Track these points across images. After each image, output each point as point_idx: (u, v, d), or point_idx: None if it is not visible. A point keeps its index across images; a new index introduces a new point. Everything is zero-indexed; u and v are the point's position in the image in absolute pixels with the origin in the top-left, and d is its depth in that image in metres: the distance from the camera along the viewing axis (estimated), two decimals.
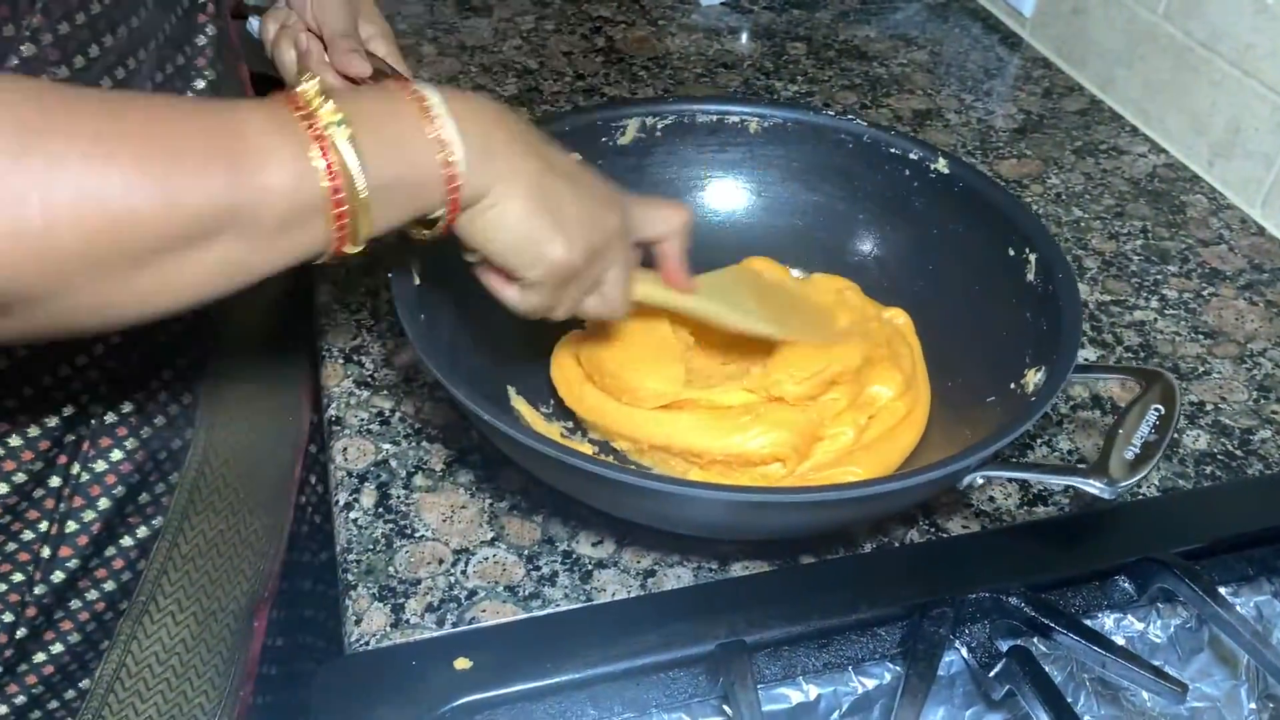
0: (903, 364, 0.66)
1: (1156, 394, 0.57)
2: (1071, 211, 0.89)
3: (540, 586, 0.58)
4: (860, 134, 0.73)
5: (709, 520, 0.57)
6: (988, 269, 0.67)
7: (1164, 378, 0.58)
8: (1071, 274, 0.62)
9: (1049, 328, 0.61)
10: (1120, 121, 1.01)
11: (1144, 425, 0.55)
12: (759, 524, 0.58)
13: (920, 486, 0.53)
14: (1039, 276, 0.63)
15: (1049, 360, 0.58)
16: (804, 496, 0.53)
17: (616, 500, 0.56)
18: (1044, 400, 0.55)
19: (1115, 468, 0.53)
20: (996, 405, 0.62)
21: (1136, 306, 0.79)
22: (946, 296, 0.70)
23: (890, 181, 0.72)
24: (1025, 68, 1.10)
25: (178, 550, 0.62)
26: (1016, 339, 0.63)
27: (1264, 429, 0.70)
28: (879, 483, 0.53)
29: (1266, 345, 0.76)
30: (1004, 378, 0.62)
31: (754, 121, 0.74)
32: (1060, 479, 0.55)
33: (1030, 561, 0.58)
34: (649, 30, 1.13)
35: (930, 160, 0.71)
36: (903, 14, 1.19)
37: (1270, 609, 0.60)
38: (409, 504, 0.61)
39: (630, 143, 0.73)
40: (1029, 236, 0.65)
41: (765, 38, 1.13)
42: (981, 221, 0.68)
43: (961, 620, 0.56)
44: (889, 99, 1.03)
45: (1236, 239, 0.87)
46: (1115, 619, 0.59)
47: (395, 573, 0.58)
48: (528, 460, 0.56)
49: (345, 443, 0.65)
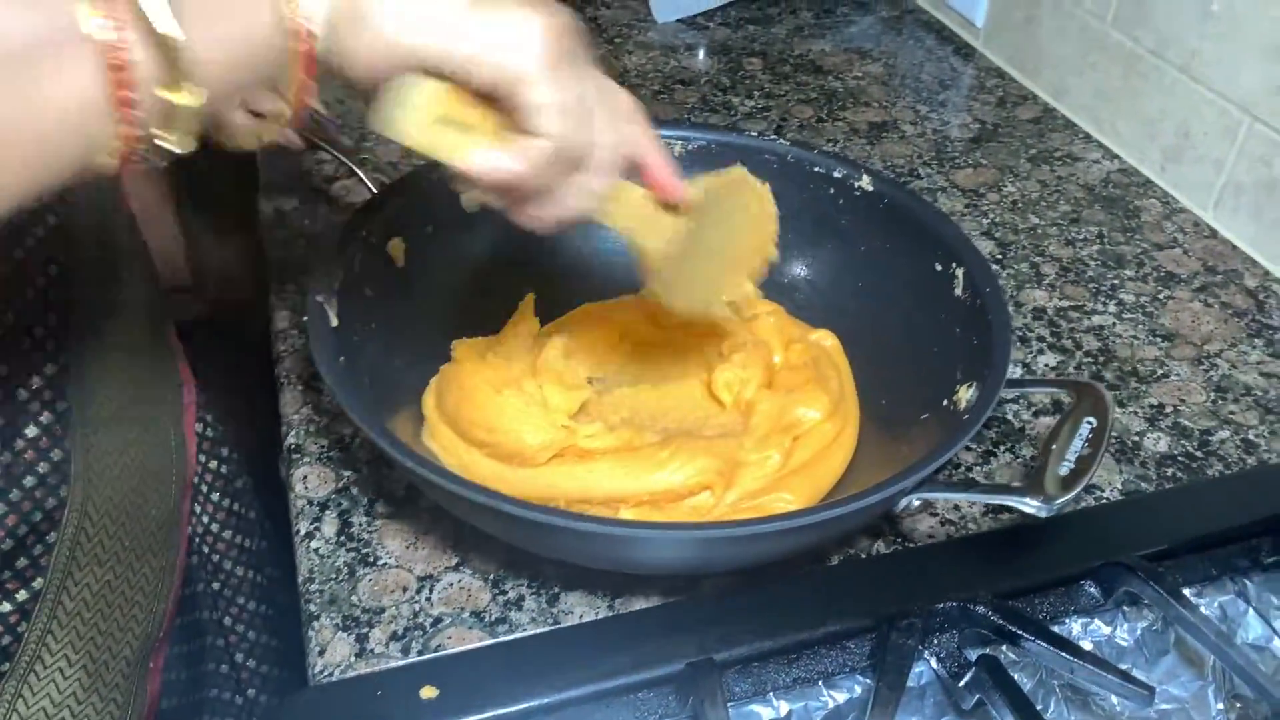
0: (829, 386, 0.66)
1: (1089, 406, 0.57)
2: (1028, 219, 0.90)
3: (507, 611, 0.57)
4: (784, 154, 0.73)
5: (641, 559, 0.56)
6: (916, 285, 0.67)
7: (1095, 390, 0.58)
8: (998, 287, 0.62)
9: (979, 343, 0.61)
10: (1073, 129, 1.02)
11: (1077, 439, 0.55)
12: (691, 560, 0.56)
13: (853, 514, 0.52)
14: (967, 290, 0.64)
15: (980, 376, 0.58)
16: (733, 531, 0.52)
17: (549, 545, 0.55)
18: (976, 418, 0.55)
19: (1050, 484, 0.52)
20: (931, 422, 0.61)
21: (1095, 311, 0.80)
22: (877, 314, 0.70)
23: (816, 201, 0.72)
24: (979, 78, 1.11)
25: (62, 607, 0.58)
26: (948, 355, 0.63)
27: (1222, 429, 0.70)
28: (812, 512, 0.53)
29: (1222, 346, 0.77)
30: (937, 394, 0.62)
31: (678, 145, 0.73)
32: (996, 498, 0.55)
33: (996, 569, 0.58)
34: (605, 49, 1.13)
35: (854, 178, 0.71)
36: (857, 27, 1.20)
37: (1234, 608, 0.61)
38: (371, 531, 0.61)
39: None
40: (955, 250, 0.65)
41: (721, 54, 1.13)
42: (907, 237, 0.69)
43: (930, 630, 0.56)
44: (845, 112, 1.03)
45: (1190, 242, 0.88)
46: (1082, 623, 0.59)
47: (359, 602, 0.57)
48: (455, 507, 0.55)
49: (305, 470, 0.64)
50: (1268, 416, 0.71)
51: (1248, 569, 0.62)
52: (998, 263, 0.84)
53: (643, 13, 1.21)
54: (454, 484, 0.50)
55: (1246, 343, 0.78)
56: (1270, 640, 0.60)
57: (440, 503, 0.57)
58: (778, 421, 0.64)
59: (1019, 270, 0.84)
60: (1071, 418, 0.56)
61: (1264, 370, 0.75)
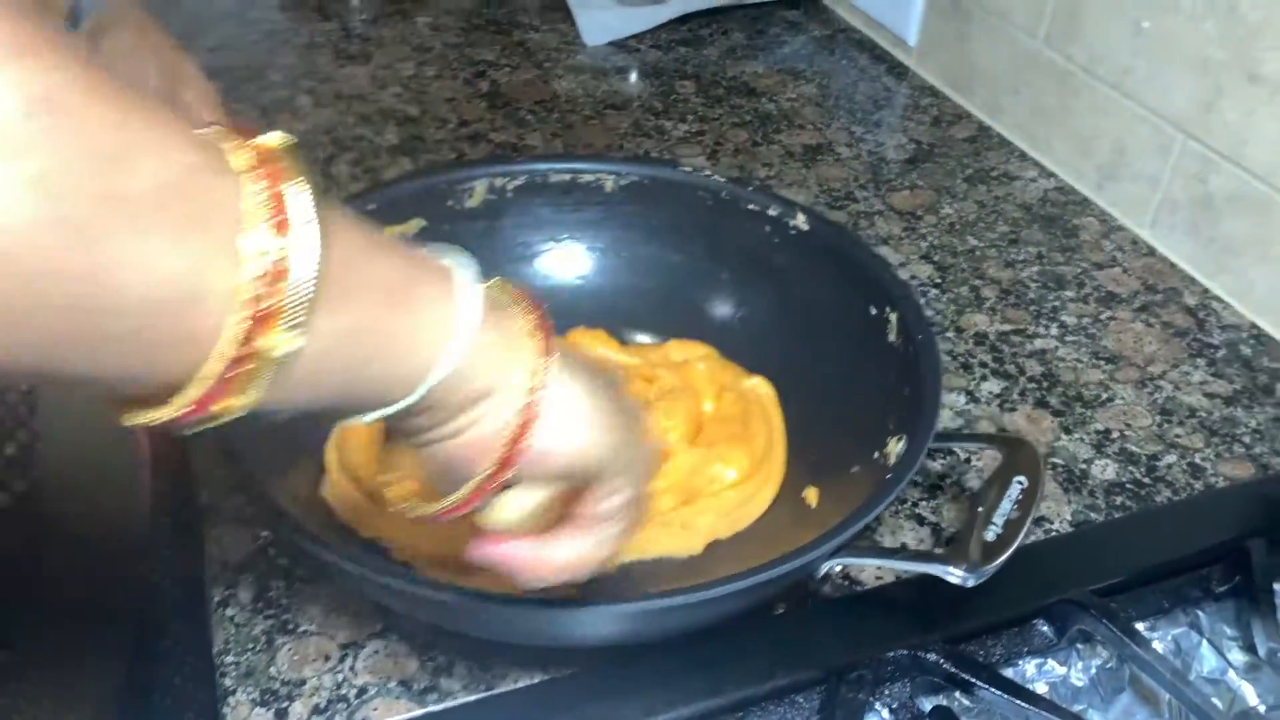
0: (755, 442, 0.63)
1: (1019, 464, 0.54)
2: (967, 240, 0.89)
3: (436, 678, 0.54)
4: (718, 190, 0.70)
5: (534, 631, 0.51)
6: (850, 329, 0.65)
7: (1026, 446, 0.55)
8: (931, 335, 0.59)
9: (911, 393, 0.58)
10: (1009, 147, 1.01)
11: (1006, 501, 0.52)
12: (586, 634, 0.51)
13: (764, 584, 0.48)
14: (900, 337, 0.61)
15: (909, 429, 0.55)
16: (627, 607, 0.48)
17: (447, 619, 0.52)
18: (899, 477, 0.52)
19: (975, 551, 0.50)
20: (861, 476, 0.58)
21: (1037, 335, 0.79)
22: (810, 358, 0.67)
23: (751, 239, 0.70)
24: (913, 97, 1.10)
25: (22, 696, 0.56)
26: (880, 404, 0.60)
27: (1169, 454, 0.69)
28: (719, 584, 0.47)
29: (1165, 368, 0.76)
30: (867, 446, 0.59)
31: (609, 179, 0.71)
32: (918, 566, 0.52)
33: (947, 612, 0.56)
34: (534, 73, 1.11)
35: (789, 216, 0.68)
36: (789, 48, 1.19)
37: (1187, 641, 0.60)
38: (290, 596, 0.57)
39: (479, 205, 0.69)
40: (890, 294, 0.63)
41: (654, 77, 1.11)
42: (843, 279, 0.66)
43: (880, 681, 0.54)
44: (780, 135, 1.02)
45: (1129, 260, 0.87)
46: (1036, 664, 0.57)
47: (277, 674, 0.53)
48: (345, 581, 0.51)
49: (219, 532, 0.60)
50: (1212, 439, 0.70)
51: (1199, 599, 0.60)
52: (937, 286, 0.83)
53: (571, 36, 1.18)
54: (349, 563, 0.46)
55: (1189, 362, 0.77)
56: (1225, 672, 0.59)
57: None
58: (688, 480, 0.61)
59: (959, 294, 0.82)
60: (1000, 477, 0.54)
61: (1207, 390, 0.74)
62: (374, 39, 1.15)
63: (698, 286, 0.72)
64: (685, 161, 0.96)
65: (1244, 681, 0.58)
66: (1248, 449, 0.70)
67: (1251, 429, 0.71)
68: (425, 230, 0.68)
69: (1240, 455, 0.69)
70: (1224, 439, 0.70)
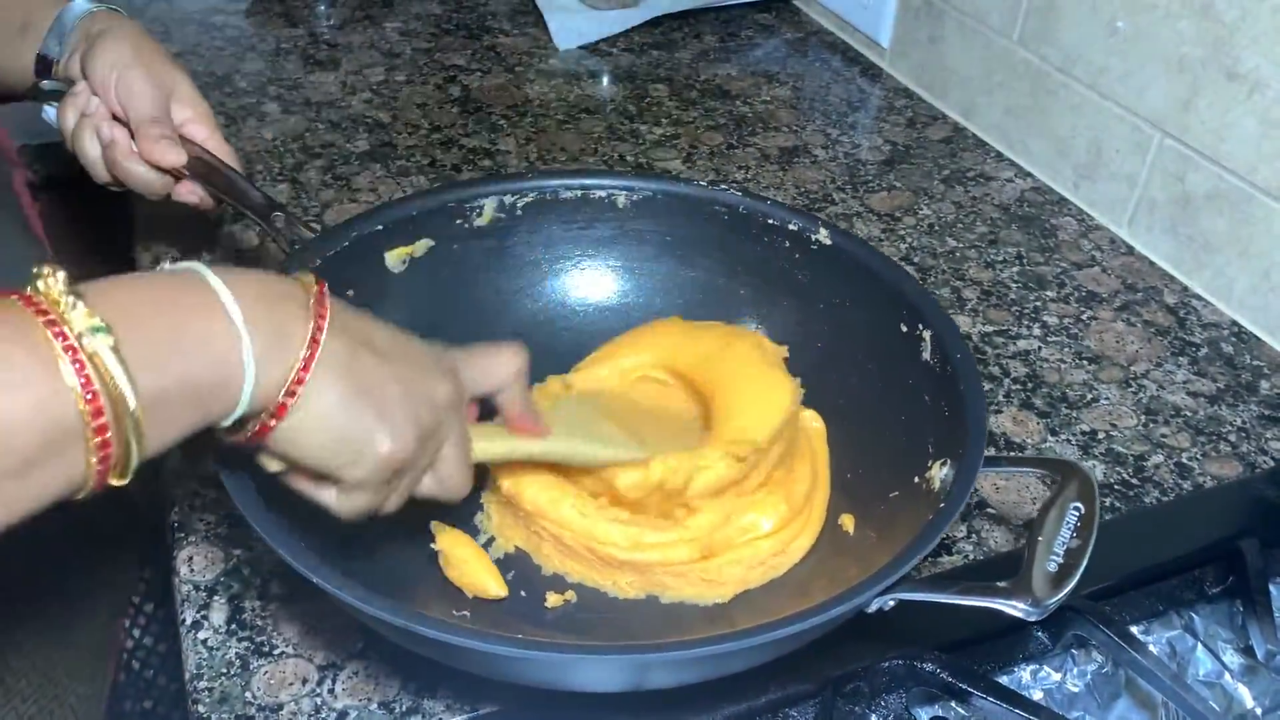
0: (796, 487, 0.59)
1: (1074, 490, 0.51)
2: (946, 242, 0.88)
3: (419, 699, 0.52)
4: (735, 204, 0.68)
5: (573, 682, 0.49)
6: (880, 346, 0.62)
7: (1079, 471, 0.52)
8: (970, 355, 0.57)
9: (950, 413, 0.55)
10: (985, 148, 1.01)
11: (1064, 529, 0.49)
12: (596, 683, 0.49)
13: (818, 626, 0.46)
14: (935, 355, 0.59)
15: (954, 454, 0.53)
16: (676, 654, 0.44)
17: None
18: (952, 507, 0.49)
19: (1038, 584, 0.47)
20: (901, 502, 0.56)
21: (1020, 335, 0.78)
22: (839, 377, 0.65)
23: (771, 254, 0.68)
24: (888, 98, 1.09)
25: None
26: (917, 425, 0.58)
27: (1156, 454, 0.69)
28: (773, 627, 0.44)
29: (1148, 367, 0.76)
30: (907, 470, 0.57)
31: (621, 195, 0.69)
32: (979, 601, 0.48)
33: (941, 620, 0.55)
34: (506, 78, 1.09)
35: (811, 231, 0.66)
36: (762, 50, 1.18)
37: (1183, 644, 0.59)
38: (265, 616, 0.55)
39: (489, 224, 0.68)
40: (920, 311, 0.60)
41: (627, 80, 1.10)
42: (869, 296, 0.63)
43: (876, 692, 0.53)
44: (755, 138, 1.01)
45: (1108, 259, 0.87)
46: (1032, 671, 0.56)
47: (253, 698, 0.51)
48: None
49: (190, 552, 0.58)
50: (1198, 438, 0.70)
51: (1193, 601, 0.60)
52: None
53: (543, 40, 1.17)
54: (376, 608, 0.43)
55: (1171, 361, 0.76)
56: (1221, 675, 0.58)
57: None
58: (710, 534, 0.56)
59: (941, 296, 0.82)
60: (1057, 504, 0.51)
61: (1190, 389, 0.74)
62: (342, 45, 1.13)
63: (716, 304, 0.70)
64: (698, 177, 0.95)
65: (1240, 684, 0.58)
66: (1234, 448, 0.69)
67: (1237, 427, 0.71)
68: (434, 249, 0.66)
69: (1227, 454, 0.69)
70: (1210, 438, 0.70)
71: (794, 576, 0.57)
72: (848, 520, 0.59)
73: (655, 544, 0.56)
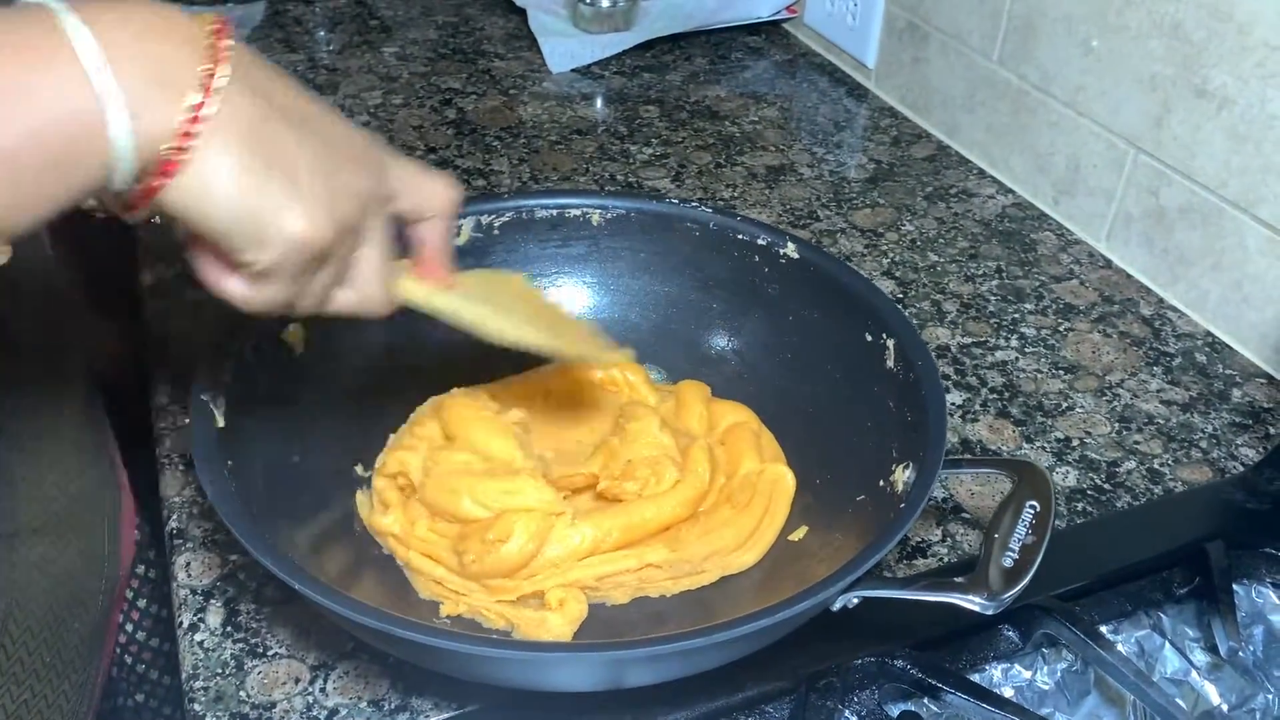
0: (738, 525, 0.60)
1: (1029, 489, 0.54)
2: (928, 256, 0.90)
3: (408, 697, 0.54)
4: (706, 221, 0.70)
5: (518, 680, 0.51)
6: (847, 355, 0.65)
7: (1035, 470, 0.55)
8: (932, 361, 0.59)
9: (913, 418, 0.57)
10: (967, 165, 1.03)
11: (1020, 526, 0.52)
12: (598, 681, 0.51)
13: (786, 621, 0.47)
14: (899, 363, 0.61)
15: (916, 457, 0.55)
16: (646, 650, 0.47)
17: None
18: (912, 508, 0.51)
19: (994, 579, 0.49)
20: (867, 505, 0.58)
21: (998, 346, 0.80)
22: (808, 386, 0.67)
23: (741, 269, 0.70)
24: (873, 118, 1.12)
25: None
26: (882, 431, 0.60)
27: (1128, 460, 0.70)
28: (741, 622, 0.46)
29: (1123, 376, 0.78)
30: (872, 474, 0.59)
31: (596, 214, 0.71)
32: (938, 596, 0.50)
33: (913, 618, 0.57)
34: (500, 100, 1.12)
35: (779, 245, 0.68)
36: (751, 72, 1.20)
37: (1151, 643, 0.60)
38: (260, 619, 0.57)
39: (466, 243, 0.69)
40: (885, 320, 0.63)
41: (618, 102, 1.12)
42: (836, 306, 0.66)
43: (849, 689, 0.54)
44: (743, 157, 1.03)
45: (1086, 273, 0.89)
46: (1003, 669, 0.58)
47: (247, 697, 0.53)
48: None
49: (188, 557, 0.60)
50: (1170, 445, 0.72)
51: (1161, 602, 0.61)
52: (900, 302, 0.84)
53: (536, 63, 1.20)
54: (343, 607, 0.45)
55: (1146, 371, 0.78)
56: (1188, 673, 0.60)
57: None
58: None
59: (921, 309, 0.84)
60: (1013, 502, 0.53)
61: (1164, 398, 0.76)
62: (341, 69, 1.16)
63: (690, 318, 0.72)
64: (671, 194, 0.97)
65: (1207, 681, 0.59)
66: (1205, 454, 0.71)
67: (1208, 434, 0.73)
68: None
69: (1198, 460, 0.71)
70: (1181, 444, 0.72)
71: (757, 579, 0.59)
72: (799, 533, 0.61)
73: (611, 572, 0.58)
